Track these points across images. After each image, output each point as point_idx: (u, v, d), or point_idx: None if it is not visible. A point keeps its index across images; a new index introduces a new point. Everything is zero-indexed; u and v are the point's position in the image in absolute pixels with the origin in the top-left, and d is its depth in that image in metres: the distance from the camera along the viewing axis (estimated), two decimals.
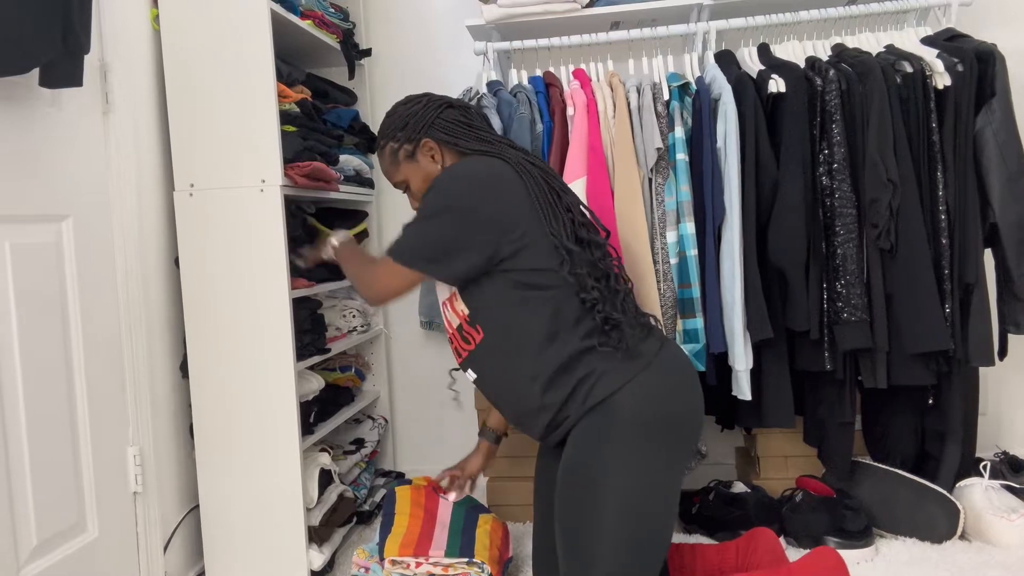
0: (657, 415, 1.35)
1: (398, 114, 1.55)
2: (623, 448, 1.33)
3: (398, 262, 1.42)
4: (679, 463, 1.41)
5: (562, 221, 1.39)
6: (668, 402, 1.37)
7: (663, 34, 2.15)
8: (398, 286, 1.45)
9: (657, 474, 1.35)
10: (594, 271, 1.40)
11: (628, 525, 1.33)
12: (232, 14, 1.84)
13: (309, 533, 1.94)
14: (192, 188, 1.89)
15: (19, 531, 1.50)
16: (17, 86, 1.52)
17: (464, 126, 1.50)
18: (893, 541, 1.96)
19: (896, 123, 1.88)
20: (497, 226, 1.36)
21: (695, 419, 1.42)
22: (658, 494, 1.36)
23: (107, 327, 1.76)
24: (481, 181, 1.38)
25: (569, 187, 1.52)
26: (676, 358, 1.44)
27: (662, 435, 1.36)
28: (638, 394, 1.34)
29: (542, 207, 1.39)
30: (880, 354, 1.90)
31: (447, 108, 1.52)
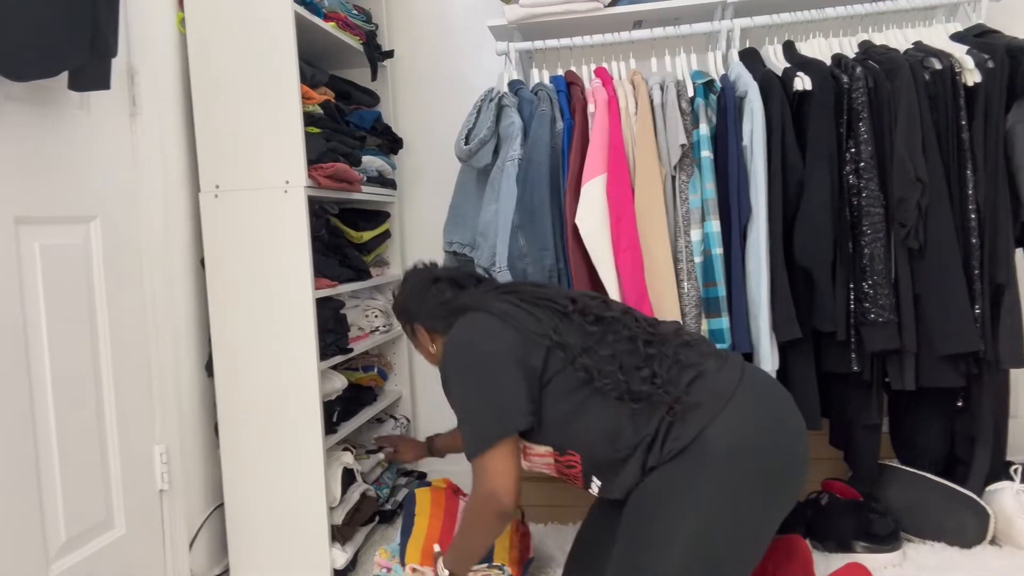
0: (748, 452, 1.26)
1: (396, 303, 1.70)
2: (706, 490, 1.25)
3: (482, 452, 1.36)
4: (773, 505, 1.30)
5: (548, 322, 1.40)
6: (758, 437, 1.28)
7: (686, 32, 2.13)
8: (503, 469, 1.35)
9: (740, 519, 1.26)
10: (603, 348, 1.37)
11: (699, 567, 1.25)
12: (257, 17, 1.85)
13: (332, 532, 1.95)
14: (217, 189, 1.91)
15: (48, 527, 1.53)
16: (47, 89, 1.54)
17: (440, 305, 1.57)
18: (921, 546, 1.93)
19: (925, 121, 1.85)
20: (511, 350, 1.37)
21: (791, 452, 1.31)
22: (738, 541, 1.27)
23: (134, 327, 1.78)
24: (471, 336, 1.43)
25: (554, 285, 1.56)
26: (763, 385, 1.36)
27: (749, 475, 1.26)
28: (723, 432, 1.26)
29: (526, 319, 1.41)
30: (908, 355, 1.87)
31: (430, 287, 1.61)
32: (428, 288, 1.61)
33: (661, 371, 1.33)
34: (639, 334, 1.39)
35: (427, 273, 1.66)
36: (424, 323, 1.61)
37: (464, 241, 2.10)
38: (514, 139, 1.98)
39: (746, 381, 1.33)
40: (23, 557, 1.46)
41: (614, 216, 1.91)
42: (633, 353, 1.36)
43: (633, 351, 1.37)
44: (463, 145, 2.01)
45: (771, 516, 1.31)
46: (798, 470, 1.32)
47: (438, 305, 1.58)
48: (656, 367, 1.34)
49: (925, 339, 1.86)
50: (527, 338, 1.38)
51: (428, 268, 1.70)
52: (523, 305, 1.44)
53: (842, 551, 1.90)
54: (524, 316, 1.41)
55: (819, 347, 1.96)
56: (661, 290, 1.90)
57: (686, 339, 1.42)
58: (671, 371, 1.34)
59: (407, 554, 1.80)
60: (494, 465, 1.35)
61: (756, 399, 1.32)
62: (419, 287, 1.63)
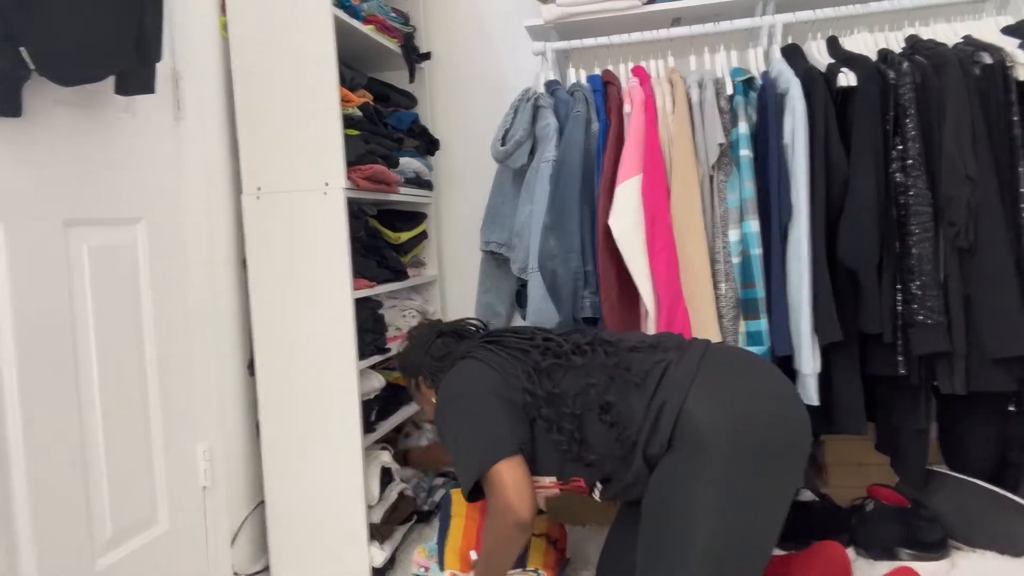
0: (731, 424, 1.29)
1: (401, 359, 1.78)
2: (706, 475, 1.27)
3: (482, 475, 1.38)
4: (778, 471, 1.31)
5: (523, 368, 1.45)
6: (741, 407, 1.31)
7: (726, 29, 2.10)
8: (512, 480, 1.36)
9: (747, 489, 1.27)
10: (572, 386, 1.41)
11: (716, 551, 1.26)
12: (297, 21, 1.88)
13: (370, 530, 1.96)
14: (259, 191, 1.94)
15: (94, 523, 1.56)
16: (94, 94, 1.58)
17: (441, 359, 1.63)
18: (970, 554, 1.88)
19: (975, 117, 1.79)
20: (495, 389, 1.44)
21: (777, 416, 1.33)
22: (751, 511, 1.28)
23: (178, 326, 1.82)
24: (457, 381, 1.50)
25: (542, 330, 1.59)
26: (726, 359, 1.40)
27: (745, 448, 1.28)
28: (696, 414, 1.30)
29: (506, 363, 1.48)
30: (958, 358, 1.82)
31: (434, 341, 1.69)
32: (433, 342, 1.69)
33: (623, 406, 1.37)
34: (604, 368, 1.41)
35: (431, 328, 1.75)
36: (426, 377, 1.68)
37: (501, 241, 2.10)
38: (549, 140, 1.98)
39: (708, 362, 1.37)
40: (70, 551, 1.50)
41: (649, 217, 1.89)
42: (598, 394, 1.39)
43: (601, 389, 1.39)
44: (499, 146, 2.01)
45: (778, 487, 1.31)
46: (793, 433, 1.33)
47: (439, 359, 1.64)
48: (617, 410, 1.37)
49: (975, 342, 1.80)
50: (507, 381, 1.45)
51: (431, 324, 1.78)
52: (506, 351, 1.51)
53: (888, 559, 1.85)
54: (508, 359, 1.48)
55: (864, 349, 1.92)
56: (697, 291, 1.87)
57: (650, 343, 1.47)
58: (633, 396, 1.37)
59: (445, 559, 1.80)
60: (502, 481, 1.36)
61: (721, 375, 1.35)
62: (424, 341, 1.71)
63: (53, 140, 1.49)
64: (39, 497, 1.42)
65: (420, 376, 1.71)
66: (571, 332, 1.55)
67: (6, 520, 1.37)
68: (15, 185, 1.40)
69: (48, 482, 1.44)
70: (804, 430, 1.35)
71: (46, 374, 1.45)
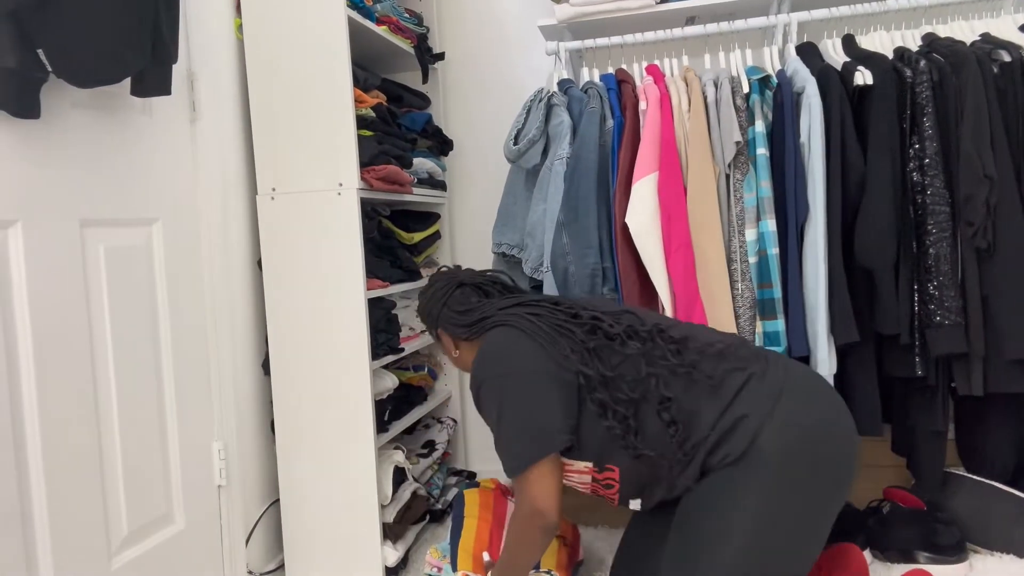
0: (801, 453, 1.25)
1: (419, 305, 1.69)
2: (761, 490, 1.24)
3: (521, 472, 1.35)
4: (827, 501, 1.29)
5: (574, 345, 1.37)
6: (809, 437, 1.27)
7: (741, 28, 2.09)
8: (547, 488, 1.34)
9: (795, 516, 1.25)
10: (629, 371, 1.34)
11: (748, 568, 1.24)
12: (312, 22, 1.88)
13: (384, 530, 1.97)
14: (274, 192, 1.95)
15: (111, 521, 1.58)
16: (111, 95, 1.59)
17: (463, 313, 1.56)
18: (988, 557, 1.86)
19: (993, 115, 1.78)
20: (546, 370, 1.36)
21: (842, 449, 1.30)
22: (793, 537, 1.26)
23: (194, 326, 1.83)
24: (504, 354, 1.41)
25: (582, 299, 1.53)
26: (809, 383, 1.34)
27: (803, 474, 1.25)
28: (774, 436, 1.25)
29: (555, 338, 1.38)
30: (976, 359, 1.80)
31: (453, 292, 1.60)
32: (452, 293, 1.60)
33: (687, 405, 1.31)
34: (666, 361, 1.34)
35: (451, 278, 1.65)
36: (447, 329, 1.61)
37: (513, 242, 2.09)
38: (563, 138, 1.97)
39: (791, 382, 1.32)
40: (87, 549, 1.51)
41: (665, 215, 1.88)
42: (657, 386, 1.32)
43: (662, 383, 1.32)
44: (512, 145, 2.01)
45: (826, 512, 1.30)
46: (849, 466, 1.31)
47: (460, 312, 1.57)
48: (679, 408, 1.30)
49: (993, 342, 1.78)
50: (557, 359, 1.37)
51: (452, 273, 1.68)
52: (549, 325, 1.41)
53: (905, 561, 1.84)
54: (553, 335, 1.39)
55: (881, 350, 1.91)
56: (714, 291, 1.86)
57: (720, 348, 1.37)
58: (704, 399, 1.31)
59: (458, 559, 1.80)
60: (536, 482, 1.34)
61: (803, 399, 1.31)
62: (443, 291, 1.62)
63: (70, 141, 1.50)
64: (56, 496, 1.44)
65: (440, 328, 1.62)
66: (620, 312, 1.45)
67: (24, 519, 1.38)
68: (33, 186, 1.42)
69: (65, 481, 1.46)
70: (856, 459, 1.33)
71: (63, 373, 1.46)
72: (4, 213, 1.36)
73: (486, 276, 1.68)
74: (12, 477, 1.36)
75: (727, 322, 1.86)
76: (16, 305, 1.38)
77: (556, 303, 1.48)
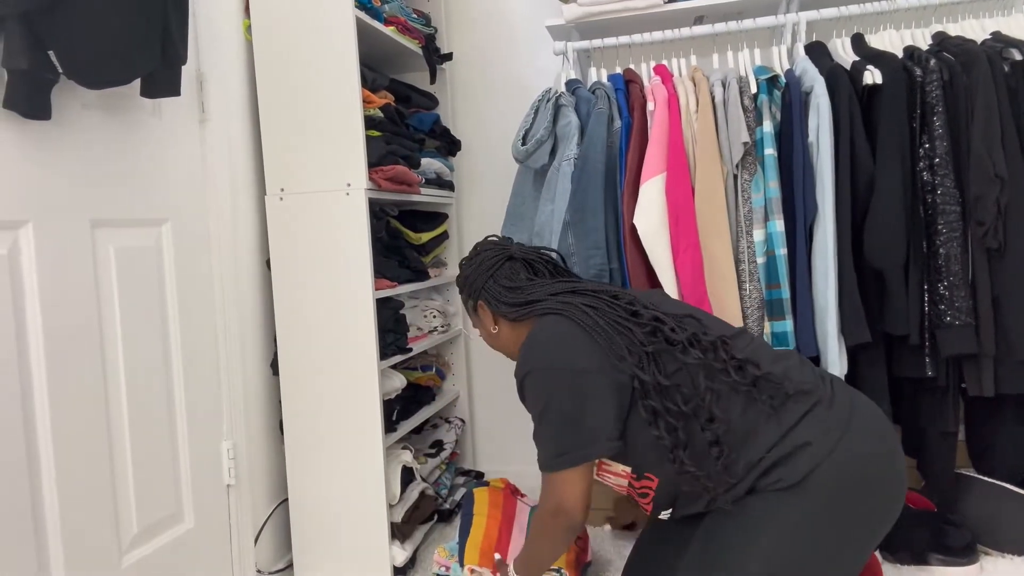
0: (856, 487, 1.21)
1: (462, 273, 1.57)
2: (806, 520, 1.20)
3: (556, 471, 1.30)
4: (869, 537, 1.24)
5: (632, 346, 1.29)
6: (867, 476, 1.22)
7: (749, 27, 2.08)
8: (578, 490, 1.30)
9: (836, 549, 1.22)
10: (686, 382, 1.27)
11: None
12: (320, 23, 1.89)
13: (392, 529, 1.97)
14: (282, 192, 1.96)
15: (121, 520, 1.59)
16: (121, 97, 1.60)
17: (511, 290, 1.46)
18: (999, 559, 1.85)
19: (1004, 114, 1.76)
20: (602, 370, 1.28)
21: (894, 489, 1.25)
22: (827, 570, 1.22)
23: (203, 326, 1.84)
24: (559, 347, 1.32)
25: (650, 292, 1.44)
26: (873, 420, 1.28)
27: (853, 510, 1.21)
28: (834, 470, 1.20)
29: (613, 336, 1.30)
30: (986, 360, 1.79)
31: (502, 265, 1.50)
32: (500, 266, 1.49)
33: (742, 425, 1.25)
34: (728, 378, 1.26)
35: (501, 250, 1.53)
36: (489, 303, 1.50)
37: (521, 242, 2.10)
38: (571, 138, 1.97)
39: (858, 415, 1.27)
40: (98, 548, 1.52)
41: (673, 216, 1.88)
42: (711, 402, 1.25)
43: (715, 397, 1.25)
44: (520, 146, 2.01)
45: (865, 547, 1.25)
46: (897, 506, 1.26)
47: (509, 288, 1.46)
48: (727, 428, 1.24)
49: (1004, 343, 1.77)
50: (612, 358, 1.29)
51: (502, 244, 1.56)
52: (607, 320, 1.32)
53: (915, 563, 1.83)
54: (610, 333, 1.30)
55: (891, 351, 1.90)
56: (722, 292, 1.86)
57: (784, 367, 1.30)
58: (763, 420, 1.25)
59: (466, 555, 1.80)
60: (567, 483, 1.30)
61: (868, 435, 1.25)
62: (490, 263, 1.50)
63: (81, 142, 1.51)
64: (67, 495, 1.45)
65: (481, 300, 1.52)
66: (683, 316, 1.35)
67: (36, 517, 1.39)
68: (44, 186, 1.43)
69: (76, 480, 1.47)
70: (904, 493, 1.28)
71: (74, 373, 1.47)
72: (15, 214, 1.37)
73: (539, 252, 1.56)
74: (24, 476, 1.37)
75: (735, 322, 1.85)
76: (28, 305, 1.39)
77: (615, 296, 1.38)
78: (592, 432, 1.27)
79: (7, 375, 1.34)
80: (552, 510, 1.32)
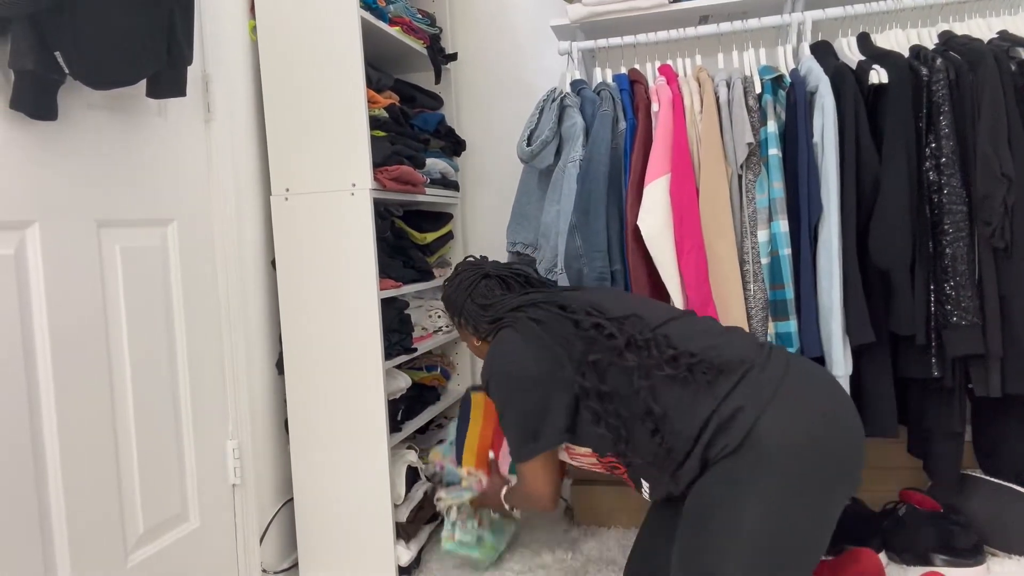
0: (801, 445, 1.24)
1: (444, 293, 1.72)
2: (766, 483, 1.23)
3: (522, 461, 1.49)
4: (832, 495, 1.27)
5: (574, 356, 1.41)
6: (809, 430, 1.25)
7: (754, 27, 2.08)
8: (543, 478, 1.50)
9: (801, 510, 1.24)
10: (624, 386, 1.36)
11: (757, 565, 1.22)
12: (325, 23, 1.89)
13: (397, 529, 1.97)
14: (287, 192, 1.96)
15: (127, 519, 1.59)
16: (126, 97, 1.61)
17: (485, 308, 1.60)
18: (1006, 560, 1.84)
19: (1011, 113, 1.75)
20: (547, 374, 1.42)
21: (848, 442, 1.28)
22: (800, 532, 1.24)
23: (208, 326, 1.84)
24: (508, 359, 1.47)
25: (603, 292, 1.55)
26: (809, 377, 1.33)
27: (808, 468, 1.24)
28: (772, 428, 1.23)
29: (553, 352, 1.43)
30: (993, 360, 1.78)
31: (478, 284, 1.63)
32: (476, 285, 1.63)
33: (677, 410, 1.30)
34: (661, 372, 1.33)
35: (477, 269, 1.67)
36: (468, 322, 1.64)
37: (527, 242, 2.10)
38: (576, 139, 1.97)
39: (792, 373, 1.31)
40: (104, 547, 1.52)
41: (677, 217, 1.88)
42: (646, 399, 1.33)
43: (652, 395, 1.33)
44: (525, 146, 2.01)
45: (832, 505, 1.28)
46: (853, 457, 1.29)
47: (481, 307, 1.60)
48: (665, 418, 1.31)
49: (1011, 343, 1.76)
50: (556, 366, 1.42)
51: (478, 263, 1.70)
52: (551, 333, 1.45)
53: (921, 564, 1.82)
54: (552, 345, 1.43)
55: (896, 351, 1.89)
56: (726, 292, 1.85)
57: (720, 343, 1.37)
58: (700, 396, 1.30)
59: (463, 458, 1.86)
60: (534, 472, 1.50)
61: (803, 390, 1.30)
62: (468, 282, 1.64)
63: (87, 143, 1.52)
64: (73, 494, 1.45)
65: (462, 319, 1.66)
66: (625, 317, 1.43)
67: (42, 517, 1.40)
68: (50, 187, 1.43)
69: (82, 479, 1.47)
70: (862, 453, 1.31)
71: (80, 373, 1.48)
72: (22, 214, 1.38)
73: (511, 268, 1.69)
74: (30, 476, 1.37)
75: (739, 323, 1.85)
76: (34, 305, 1.40)
77: (563, 307, 1.49)
78: (545, 428, 1.43)
79: (13, 375, 1.35)
80: (526, 493, 1.55)
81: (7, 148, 1.35)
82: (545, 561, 2.03)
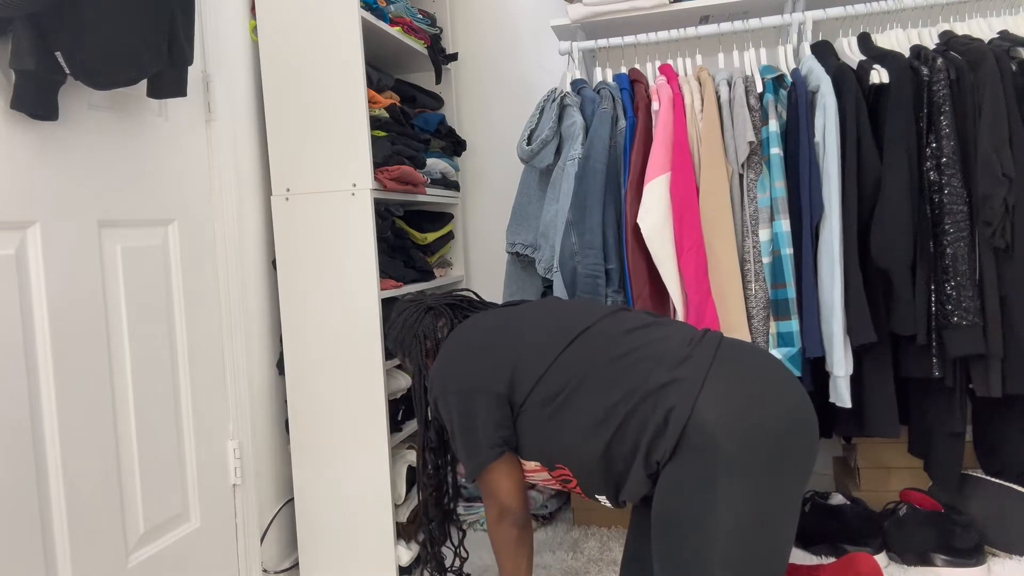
0: (742, 429, 1.21)
1: (388, 338, 1.69)
2: (720, 475, 1.21)
3: (476, 475, 1.46)
4: (789, 476, 1.25)
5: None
6: (747, 412, 1.23)
7: (755, 26, 2.08)
8: (502, 484, 1.45)
9: (762, 496, 1.22)
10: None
11: (735, 557, 1.21)
12: (325, 24, 1.89)
13: (397, 529, 1.97)
14: (288, 192, 1.96)
15: (128, 520, 1.59)
16: (128, 97, 1.61)
17: (423, 342, 1.58)
18: (1007, 560, 1.84)
19: (1012, 113, 1.76)
20: (478, 389, 1.41)
21: (792, 426, 1.26)
22: (767, 520, 1.22)
23: (209, 326, 1.84)
24: (443, 372, 1.47)
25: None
26: (739, 359, 1.31)
27: (754, 451, 1.21)
28: (708, 417, 1.21)
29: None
30: (994, 360, 1.78)
31: (423, 319, 1.60)
32: (421, 320, 1.60)
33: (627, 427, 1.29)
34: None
35: (418, 305, 1.64)
36: (410, 357, 1.61)
37: (527, 242, 2.10)
38: (575, 139, 1.97)
39: (718, 362, 1.28)
40: (105, 547, 1.52)
41: (677, 216, 1.88)
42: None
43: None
44: (525, 146, 2.01)
45: (792, 483, 1.25)
46: (804, 436, 1.26)
47: (429, 350, 1.58)
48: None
49: (1012, 343, 1.77)
50: (492, 376, 1.41)
51: (417, 300, 1.67)
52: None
53: (922, 564, 1.82)
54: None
55: (897, 351, 1.89)
56: (726, 291, 1.85)
57: (664, 332, 1.36)
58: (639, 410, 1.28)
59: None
60: (495, 483, 1.44)
61: (730, 379, 1.26)
62: (412, 320, 1.61)
63: (88, 143, 1.52)
64: (74, 494, 1.45)
65: (409, 357, 1.63)
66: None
67: (43, 517, 1.40)
68: (51, 186, 1.43)
69: (83, 480, 1.47)
70: (813, 427, 1.28)
71: (81, 373, 1.48)
72: (23, 214, 1.38)
73: (452, 295, 1.67)
74: (31, 475, 1.37)
75: (740, 323, 1.85)
76: (35, 304, 1.40)
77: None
78: (481, 442, 1.41)
79: (14, 374, 1.35)
80: (496, 514, 1.47)
81: (8, 148, 1.35)
82: (545, 561, 2.03)
